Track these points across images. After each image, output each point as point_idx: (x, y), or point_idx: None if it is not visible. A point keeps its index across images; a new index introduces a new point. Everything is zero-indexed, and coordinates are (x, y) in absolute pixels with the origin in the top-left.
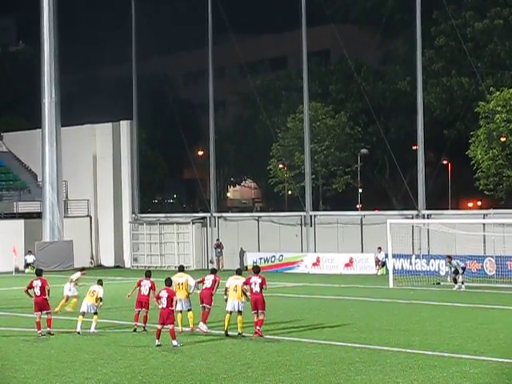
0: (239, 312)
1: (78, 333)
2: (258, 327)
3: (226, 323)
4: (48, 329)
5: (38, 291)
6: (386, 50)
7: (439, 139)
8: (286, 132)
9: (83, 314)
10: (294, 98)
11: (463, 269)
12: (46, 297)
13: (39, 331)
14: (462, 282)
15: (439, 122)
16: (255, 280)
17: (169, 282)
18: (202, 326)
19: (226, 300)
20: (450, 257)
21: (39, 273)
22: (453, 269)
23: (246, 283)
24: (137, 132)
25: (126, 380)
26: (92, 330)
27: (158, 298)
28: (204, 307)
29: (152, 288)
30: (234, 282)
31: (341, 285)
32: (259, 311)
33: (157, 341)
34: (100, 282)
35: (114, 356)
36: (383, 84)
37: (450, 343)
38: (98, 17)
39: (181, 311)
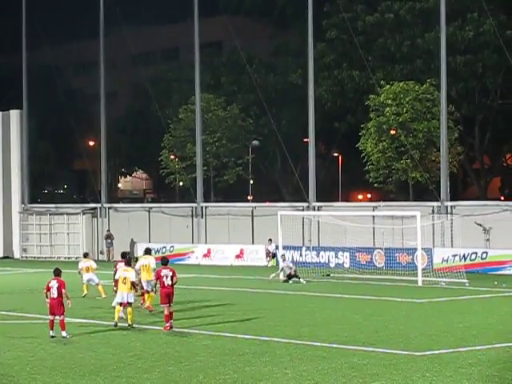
0: (129, 304)
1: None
2: (171, 321)
3: (116, 315)
4: None
5: None
6: (277, 42)
7: (330, 132)
8: (177, 123)
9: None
10: (186, 90)
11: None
12: None
13: None
14: (291, 277)
15: (330, 115)
16: (166, 273)
17: (57, 272)
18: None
19: (116, 291)
20: (283, 255)
21: None
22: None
23: (157, 277)
24: (27, 122)
25: (13, 372)
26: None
27: (48, 289)
28: None
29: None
30: (124, 273)
31: (231, 276)
32: (170, 304)
33: (51, 332)
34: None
35: (2, 347)
36: (275, 76)
37: (338, 335)
38: None
39: (148, 291)
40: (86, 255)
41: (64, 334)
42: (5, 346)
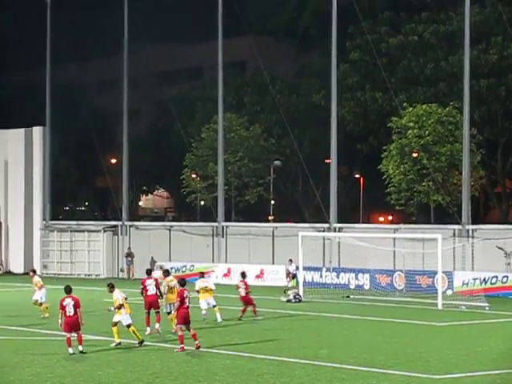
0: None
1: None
2: (197, 342)
3: (134, 335)
4: None
5: None
6: (301, 63)
7: (352, 153)
8: (200, 142)
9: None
10: (209, 109)
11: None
12: None
13: None
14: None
15: (352, 136)
16: (187, 294)
17: (69, 290)
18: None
19: (109, 311)
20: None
21: None
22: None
23: (181, 298)
24: (49, 138)
25: None
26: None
27: (63, 307)
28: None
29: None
30: (122, 295)
31: (251, 296)
32: (189, 325)
33: (70, 349)
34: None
35: (21, 363)
36: (298, 97)
37: (357, 356)
38: (11, 19)
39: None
40: (34, 271)
41: (81, 348)
42: (24, 363)
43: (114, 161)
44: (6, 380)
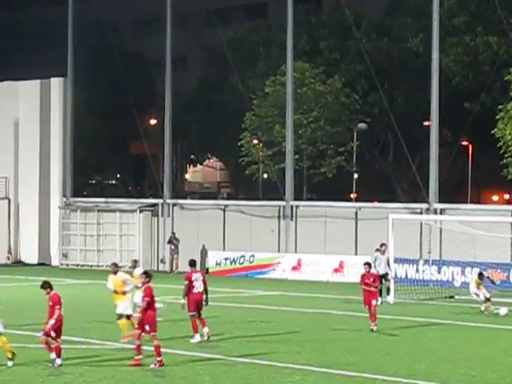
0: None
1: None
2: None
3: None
4: None
5: None
6: None
7: (458, 114)
8: (263, 99)
9: None
10: (275, 56)
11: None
12: None
13: None
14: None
15: (459, 92)
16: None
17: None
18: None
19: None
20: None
21: None
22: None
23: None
24: (72, 93)
25: None
26: None
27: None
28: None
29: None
30: None
31: (327, 295)
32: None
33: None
34: None
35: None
36: (389, 42)
37: (464, 373)
38: None
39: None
40: None
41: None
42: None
43: (153, 122)
44: None
